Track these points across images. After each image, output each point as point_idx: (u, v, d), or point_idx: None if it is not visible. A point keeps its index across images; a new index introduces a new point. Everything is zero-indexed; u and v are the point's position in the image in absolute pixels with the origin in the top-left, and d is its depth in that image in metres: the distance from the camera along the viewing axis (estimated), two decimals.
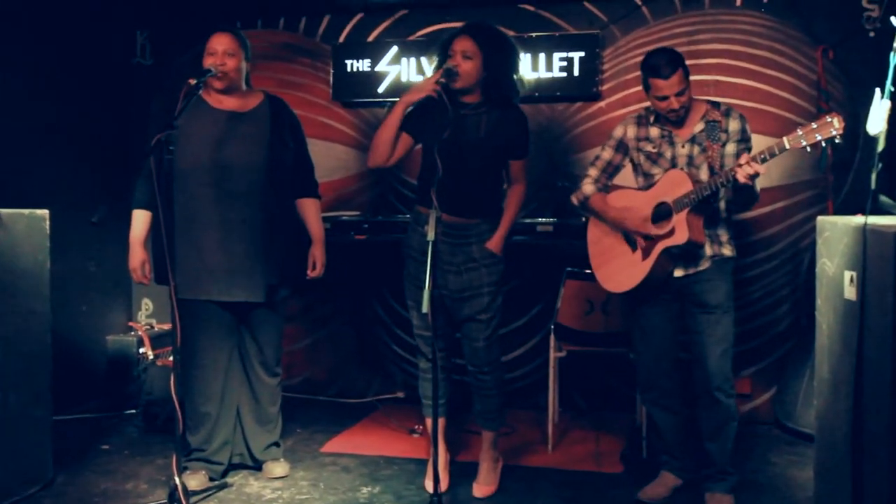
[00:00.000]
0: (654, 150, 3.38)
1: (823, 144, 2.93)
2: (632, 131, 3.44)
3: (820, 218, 3.02)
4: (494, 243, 3.49)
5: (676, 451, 3.55)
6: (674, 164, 3.34)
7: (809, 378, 4.22)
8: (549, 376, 4.21)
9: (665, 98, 3.25)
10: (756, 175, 3.03)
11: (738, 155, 3.21)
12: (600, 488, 3.66)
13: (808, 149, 2.96)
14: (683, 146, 3.33)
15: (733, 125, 3.30)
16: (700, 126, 3.31)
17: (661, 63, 3.23)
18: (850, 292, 2.67)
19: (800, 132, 2.95)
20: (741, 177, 3.03)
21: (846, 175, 4.54)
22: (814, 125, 2.93)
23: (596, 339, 4.30)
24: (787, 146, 2.97)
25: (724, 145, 3.29)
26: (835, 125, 2.88)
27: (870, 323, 2.54)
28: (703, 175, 3.28)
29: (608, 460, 4.03)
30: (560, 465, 3.97)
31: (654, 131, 3.39)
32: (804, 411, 4.26)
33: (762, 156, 3.01)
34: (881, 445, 2.47)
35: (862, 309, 2.57)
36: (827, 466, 2.93)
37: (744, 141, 3.29)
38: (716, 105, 3.35)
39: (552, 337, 4.20)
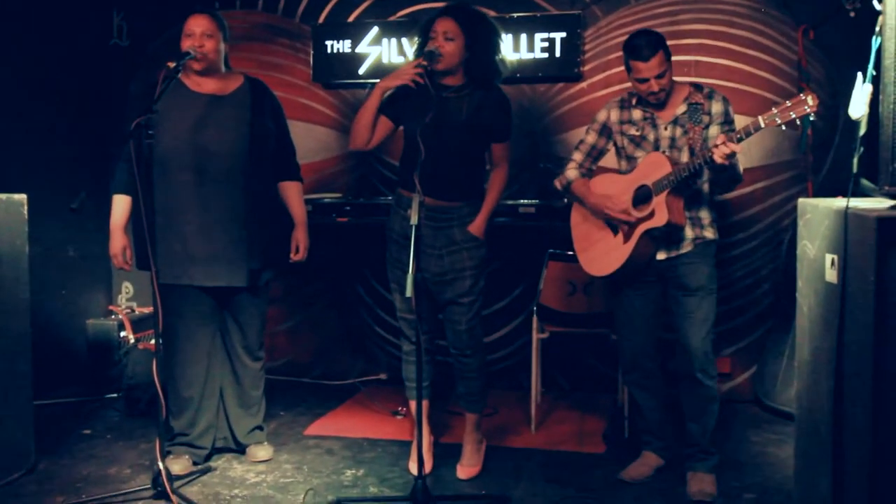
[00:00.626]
0: (638, 133, 3.38)
1: (798, 122, 2.94)
2: (615, 115, 3.44)
3: (801, 200, 3.03)
4: (476, 226, 3.48)
5: (658, 431, 3.58)
6: (657, 147, 3.34)
7: (788, 357, 4.26)
8: (531, 357, 4.23)
9: (645, 80, 3.25)
10: (733, 154, 3.03)
11: None
12: (583, 468, 3.69)
13: (784, 127, 2.97)
14: (666, 128, 3.33)
15: (716, 107, 3.30)
16: (682, 108, 3.32)
17: (642, 45, 3.22)
18: (830, 275, 2.68)
19: (774, 110, 2.96)
20: (718, 157, 3.03)
21: (826, 155, 4.56)
22: (788, 103, 2.93)
23: (578, 320, 4.32)
24: (763, 125, 2.98)
25: (706, 127, 3.29)
26: (809, 102, 2.89)
27: (851, 306, 2.56)
28: (685, 157, 3.29)
29: (591, 440, 4.05)
30: (543, 445, 3.99)
31: (637, 114, 3.39)
32: (783, 390, 4.31)
33: (738, 135, 3.02)
34: (862, 426, 2.50)
35: (843, 292, 2.59)
36: (807, 446, 2.96)
37: (727, 123, 3.30)
38: (699, 87, 3.35)
39: (534, 318, 4.21)
